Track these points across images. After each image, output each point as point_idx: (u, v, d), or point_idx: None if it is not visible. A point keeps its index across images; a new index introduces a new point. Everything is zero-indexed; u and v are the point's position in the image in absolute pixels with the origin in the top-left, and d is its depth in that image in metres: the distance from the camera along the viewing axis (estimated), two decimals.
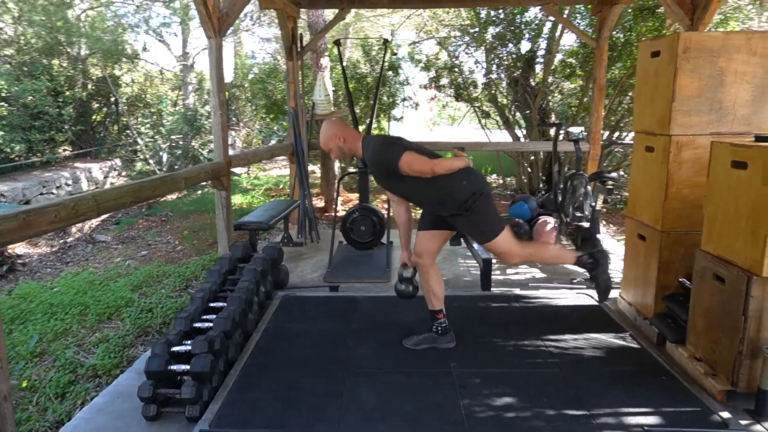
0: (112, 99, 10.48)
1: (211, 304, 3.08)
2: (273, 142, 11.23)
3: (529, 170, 7.89)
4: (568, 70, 7.43)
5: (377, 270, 4.28)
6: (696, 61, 2.78)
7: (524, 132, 7.91)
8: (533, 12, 7.46)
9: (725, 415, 2.25)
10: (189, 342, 2.60)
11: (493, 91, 7.92)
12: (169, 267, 4.85)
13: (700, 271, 2.63)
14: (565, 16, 6.62)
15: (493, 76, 7.84)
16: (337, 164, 7.02)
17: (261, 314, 3.35)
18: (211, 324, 2.81)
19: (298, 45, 5.56)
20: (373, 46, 7.54)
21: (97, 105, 10.71)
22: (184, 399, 2.31)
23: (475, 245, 4.18)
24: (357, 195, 7.88)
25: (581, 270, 2.94)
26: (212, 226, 6.12)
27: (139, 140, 8.92)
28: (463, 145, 5.71)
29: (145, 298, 4.12)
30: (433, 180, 2.56)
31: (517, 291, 3.80)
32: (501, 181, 9.26)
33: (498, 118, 8.16)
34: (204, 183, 4.68)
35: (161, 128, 8.98)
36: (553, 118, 7.52)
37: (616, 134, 7.21)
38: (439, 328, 2.89)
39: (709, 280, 2.55)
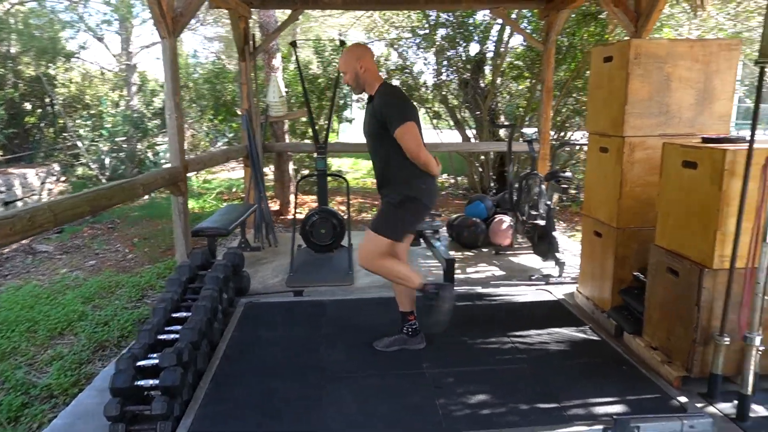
0: (47, 100, 9.90)
1: (174, 315, 2.98)
2: (220, 144, 10.97)
3: (480, 170, 8.07)
4: (516, 72, 7.65)
5: (340, 272, 4.28)
6: (646, 66, 2.94)
7: (474, 132, 8.09)
8: (481, 15, 7.65)
9: (682, 399, 2.40)
10: (155, 355, 2.51)
11: (443, 93, 8.05)
12: (121, 277, 4.64)
13: (654, 265, 2.78)
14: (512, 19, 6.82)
15: (443, 77, 7.97)
16: (291, 166, 6.94)
17: (225, 322, 3.28)
18: (176, 335, 2.71)
19: (251, 45, 5.47)
20: (326, 47, 7.50)
21: (31, 106, 10.10)
22: (154, 415, 2.23)
23: (437, 244, 4.26)
24: (313, 197, 7.83)
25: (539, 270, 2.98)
26: (165, 232, 5.90)
27: (79, 143, 8.46)
28: None
29: (99, 311, 3.92)
30: (405, 161, 2.59)
31: (480, 289, 3.89)
32: (453, 181, 9.42)
33: (449, 119, 8.30)
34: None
35: (102, 131, 8.56)
36: (502, 119, 7.73)
37: (562, 134, 7.50)
38: (410, 330, 2.92)
39: (663, 274, 2.70)
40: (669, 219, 2.68)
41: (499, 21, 7.68)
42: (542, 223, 4.30)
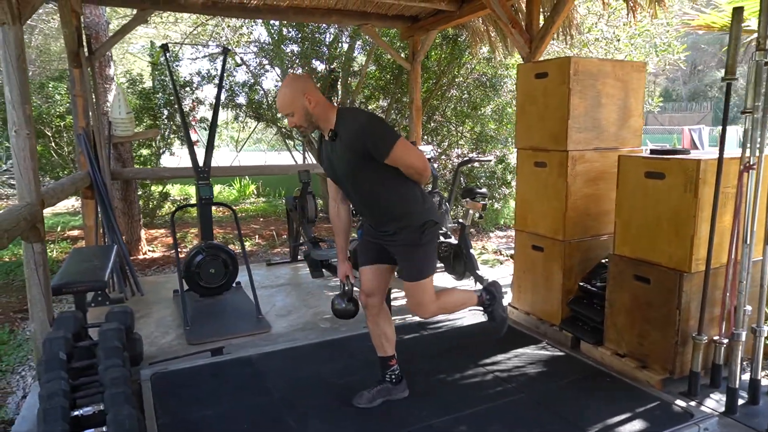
0: None
1: (76, 413, 2.10)
2: None
3: None
4: (367, 92, 7.63)
5: (249, 319, 3.60)
6: (583, 83, 3.05)
7: None
8: (328, 34, 7.47)
9: (681, 403, 2.45)
10: None
11: None
12: None
13: (617, 274, 2.85)
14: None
15: None
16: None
17: (140, 406, 2.43)
18: None
19: (86, 48, 4.40)
20: (159, 56, 6.47)
21: None
22: None
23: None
24: (163, 231, 6.67)
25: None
26: None
27: None
28: (306, 167, 5.31)
29: None
30: (401, 187, 2.22)
31: (415, 318, 3.62)
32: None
33: (301, 139, 7.91)
34: None
35: None
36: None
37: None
38: (393, 377, 2.51)
39: (629, 281, 2.78)
40: (631, 228, 2.77)
41: (347, 40, 7.63)
42: (455, 242, 4.22)
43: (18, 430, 2.36)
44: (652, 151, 2.81)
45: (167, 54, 3.85)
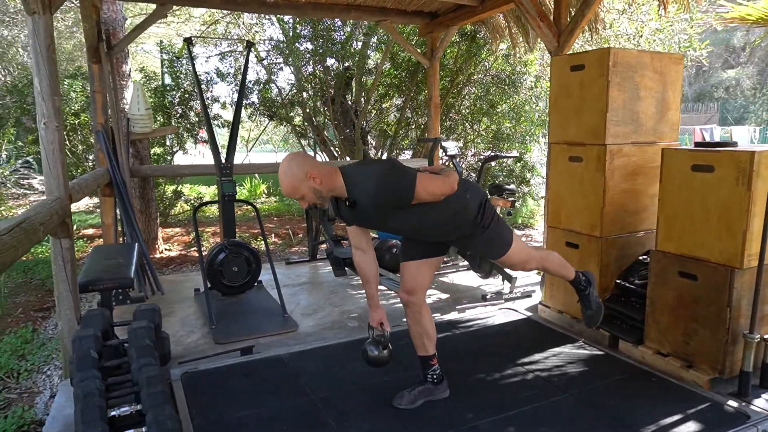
0: None
1: (112, 413, 2.03)
2: None
3: None
4: (382, 90, 7.56)
5: (275, 318, 3.53)
6: (622, 75, 2.96)
7: (338, 152, 7.75)
8: (343, 31, 7.40)
9: (733, 404, 2.37)
10: None
11: (308, 110, 7.56)
12: None
13: (659, 271, 2.77)
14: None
15: (306, 94, 7.50)
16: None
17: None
18: None
19: (104, 44, 4.34)
20: (178, 52, 6.40)
21: None
22: None
23: (384, 272, 3.80)
24: (178, 230, 6.60)
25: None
26: None
27: None
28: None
29: None
30: (442, 204, 2.13)
31: (442, 316, 3.54)
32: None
33: (314, 137, 7.83)
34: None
35: None
36: (370, 137, 7.55)
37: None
38: (434, 376, 2.43)
39: (673, 278, 2.69)
40: (676, 223, 2.69)
41: (361, 38, 7.56)
42: None
43: None
44: (697, 144, 2.73)
45: (190, 48, 3.78)
